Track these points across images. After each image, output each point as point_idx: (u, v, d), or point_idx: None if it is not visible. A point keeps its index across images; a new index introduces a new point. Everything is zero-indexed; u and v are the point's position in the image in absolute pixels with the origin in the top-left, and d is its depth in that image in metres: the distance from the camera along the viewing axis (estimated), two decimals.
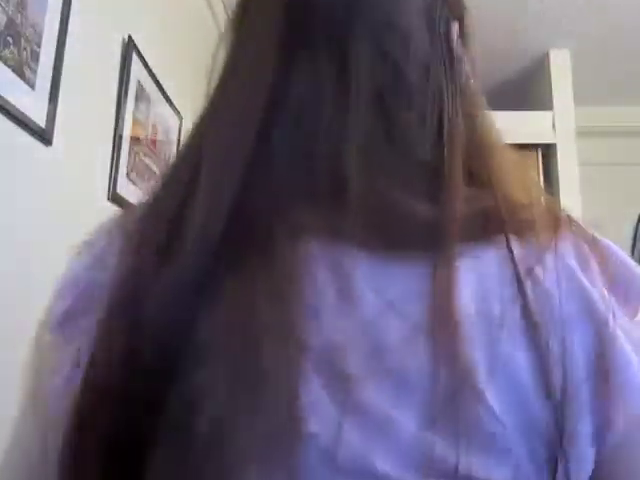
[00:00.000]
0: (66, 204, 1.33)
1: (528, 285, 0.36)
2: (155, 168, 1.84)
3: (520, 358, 0.35)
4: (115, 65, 1.61)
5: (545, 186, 2.34)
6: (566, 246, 0.39)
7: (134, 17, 1.70)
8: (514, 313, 0.36)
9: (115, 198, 1.56)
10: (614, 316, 0.37)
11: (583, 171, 2.81)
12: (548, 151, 2.86)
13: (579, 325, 0.36)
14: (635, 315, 0.39)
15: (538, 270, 0.37)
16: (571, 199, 2.65)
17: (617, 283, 0.39)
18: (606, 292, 0.38)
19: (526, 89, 3.25)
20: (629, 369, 0.36)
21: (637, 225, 3.32)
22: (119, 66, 1.62)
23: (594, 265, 0.39)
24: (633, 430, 0.36)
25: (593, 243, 0.40)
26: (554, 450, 0.34)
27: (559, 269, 0.38)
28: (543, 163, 2.85)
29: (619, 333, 0.37)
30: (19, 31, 1.13)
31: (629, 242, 3.28)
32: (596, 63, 3.03)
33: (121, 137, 1.60)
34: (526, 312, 0.36)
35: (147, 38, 1.76)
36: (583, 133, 2.87)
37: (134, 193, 1.66)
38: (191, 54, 2.08)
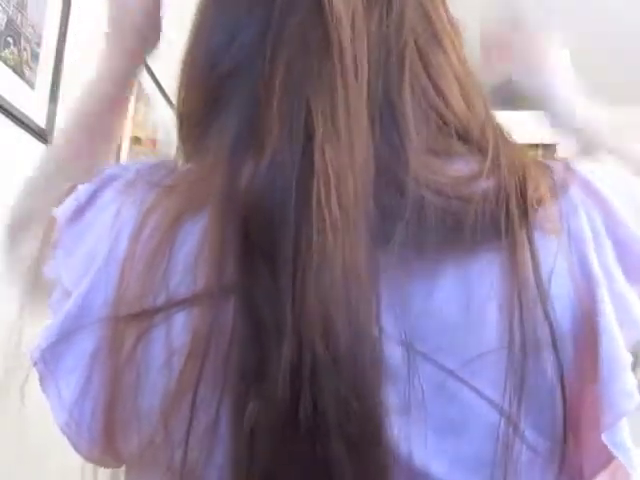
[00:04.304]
0: None
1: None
2: None
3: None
4: None
5: None
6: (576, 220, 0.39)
7: None
8: None
9: None
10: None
11: None
12: (548, 151, 2.86)
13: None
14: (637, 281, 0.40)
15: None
16: None
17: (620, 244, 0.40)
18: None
19: None
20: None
21: None
22: None
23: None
24: None
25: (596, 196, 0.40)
26: None
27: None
28: None
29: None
30: (19, 31, 1.13)
31: None
32: (596, 63, 3.02)
33: (121, 137, 1.60)
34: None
35: None
36: None
37: None
38: None
